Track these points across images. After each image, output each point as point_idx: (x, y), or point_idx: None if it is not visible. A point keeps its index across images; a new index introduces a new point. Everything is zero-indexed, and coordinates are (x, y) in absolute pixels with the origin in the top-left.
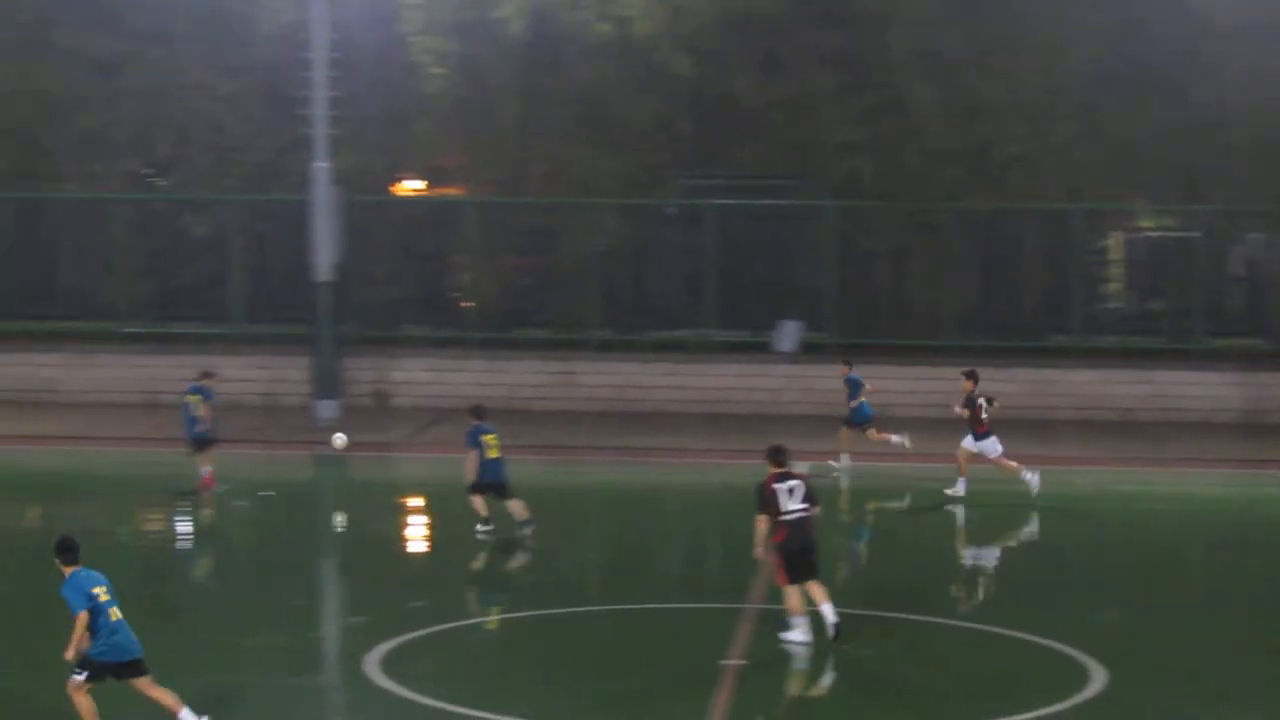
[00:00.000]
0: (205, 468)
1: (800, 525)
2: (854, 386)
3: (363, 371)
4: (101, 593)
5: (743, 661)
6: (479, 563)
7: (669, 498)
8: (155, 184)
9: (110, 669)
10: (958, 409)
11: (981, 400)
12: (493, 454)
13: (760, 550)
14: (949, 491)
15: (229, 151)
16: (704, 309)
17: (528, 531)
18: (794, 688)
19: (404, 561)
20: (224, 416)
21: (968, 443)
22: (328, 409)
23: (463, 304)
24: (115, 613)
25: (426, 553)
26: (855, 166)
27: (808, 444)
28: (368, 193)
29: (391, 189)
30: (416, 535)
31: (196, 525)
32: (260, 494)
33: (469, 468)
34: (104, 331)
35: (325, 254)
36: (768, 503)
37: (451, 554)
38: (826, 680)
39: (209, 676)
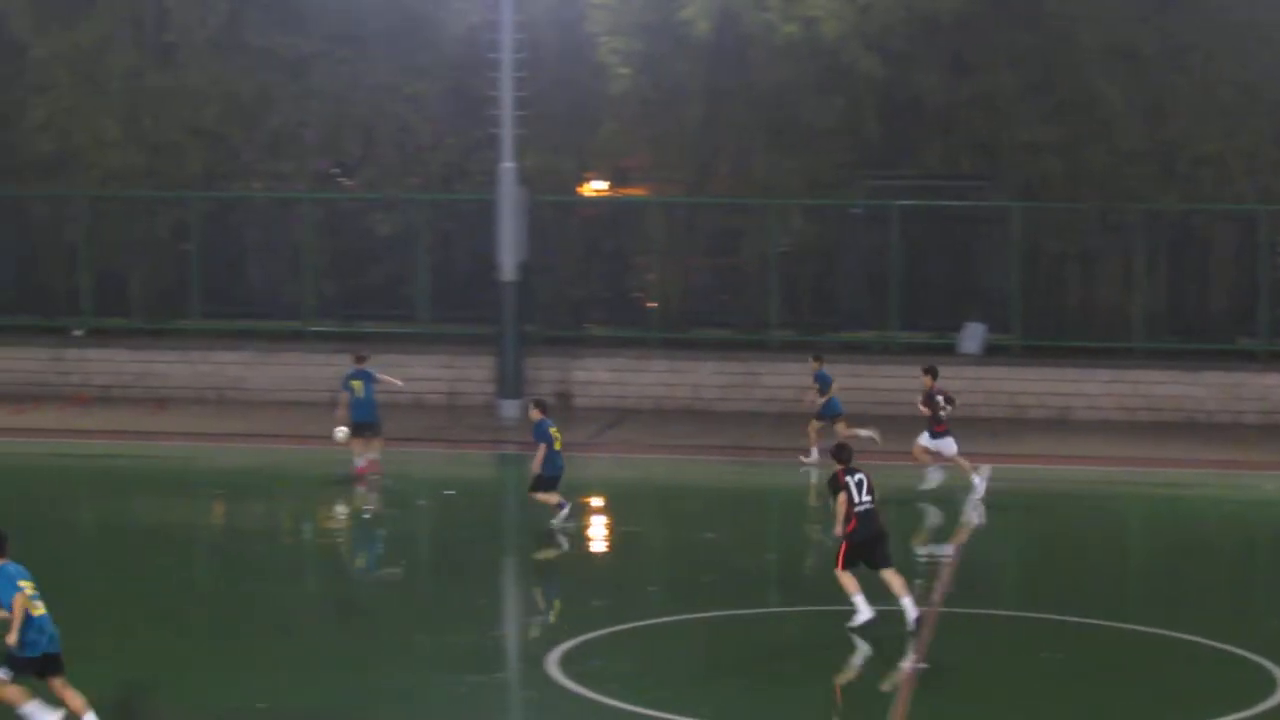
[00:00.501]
0: (368, 456)
1: (869, 516)
2: (823, 383)
3: (545, 371)
4: (28, 587)
5: (923, 665)
6: (659, 562)
7: None
8: (342, 183)
9: (34, 664)
10: (920, 406)
11: (940, 398)
12: (557, 446)
13: (839, 529)
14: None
15: (416, 151)
16: (888, 310)
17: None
18: (974, 692)
19: (585, 561)
20: (408, 415)
21: (924, 440)
22: (511, 408)
23: (646, 304)
24: (39, 607)
25: (606, 552)
26: (1042, 167)
27: (994, 447)
28: (553, 193)
29: (576, 189)
30: (597, 535)
31: (380, 523)
32: (444, 492)
33: (536, 462)
34: (290, 330)
35: (510, 254)
36: (843, 489)
37: (631, 553)
38: (1009, 685)
39: (390, 674)
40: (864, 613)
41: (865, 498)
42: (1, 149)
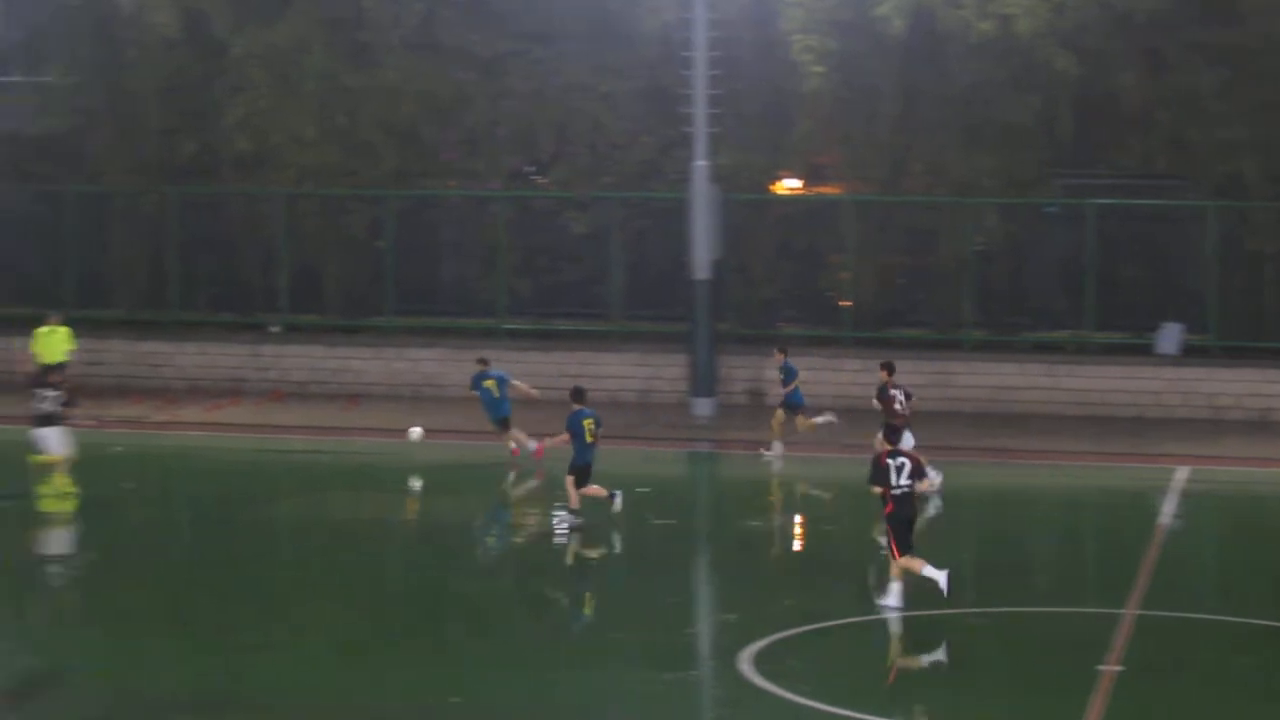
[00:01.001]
0: (524, 443)
1: (905, 499)
2: (789, 374)
3: (738, 370)
4: None
5: (1120, 668)
6: (851, 561)
7: (1043, 500)
8: (536, 182)
9: None
10: (874, 401)
11: (895, 392)
12: (589, 438)
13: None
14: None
15: (609, 149)
16: (1083, 310)
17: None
18: (1173, 695)
19: (777, 559)
20: (602, 413)
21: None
22: (704, 406)
23: (839, 303)
24: None
25: (798, 551)
26: (1239, 165)
27: (1191, 448)
28: (746, 191)
29: (769, 187)
30: (788, 533)
31: (573, 519)
32: (637, 490)
33: (556, 442)
34: (484, 328)
35: (703, 252)
36: (881, 475)
37: (823, 552)
38: (1209, 689)
39: (583, 671)
40: (894, 600)
41: (904, 481)
42: (200, 148)
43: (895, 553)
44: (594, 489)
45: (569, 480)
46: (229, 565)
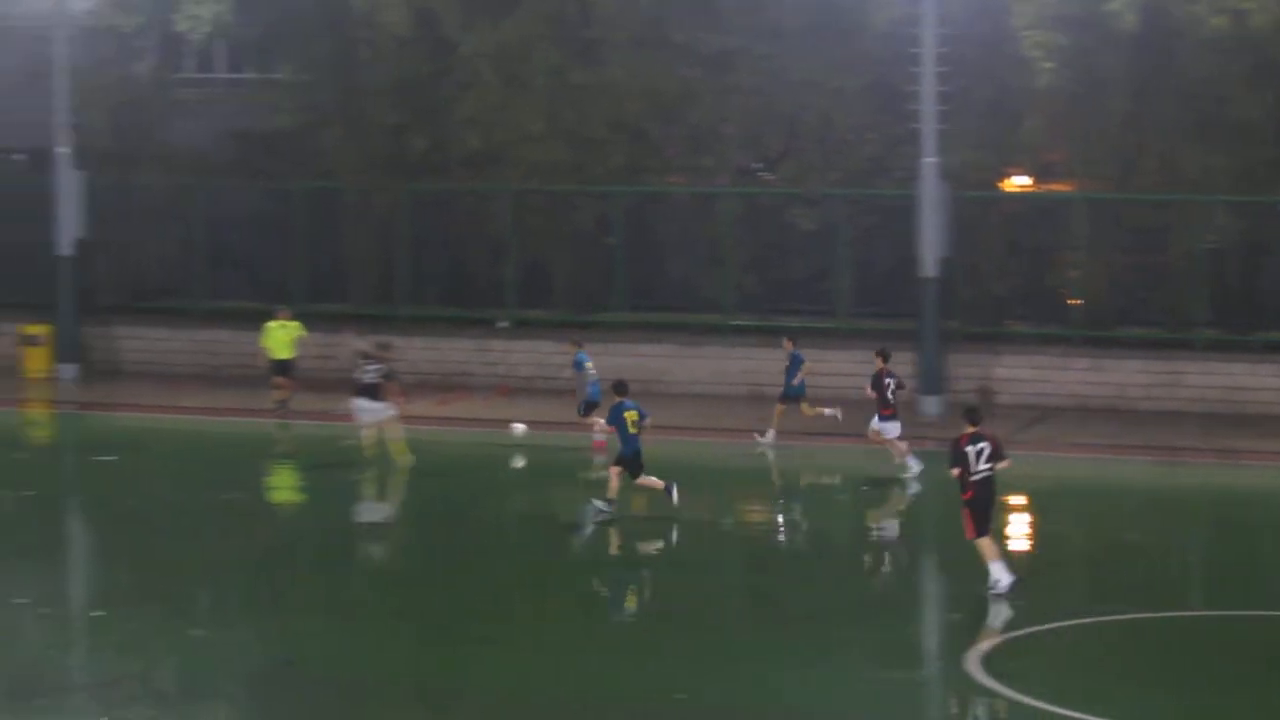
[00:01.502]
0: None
1: (985, 484)
2: (795, 362)
3: (966, 368)
4: None
5: None
6: (1079, 563)
7: (1274, 503)
8: (763, 178)
9: None
10: (868, 390)
11: (890, 381)
12: (632, 430)
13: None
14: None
15: (837, 146)
16: None
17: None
18: None
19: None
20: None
21: (874, 423)
22: (932, 405)
23: (1069, 301)
24: None
25: (1028, 551)
26: None
27: None
28: (974, 188)
29: (998, 184)
30: (1017, 534)
31: (796, 517)
32: (862, 489)
33: (596, 426)
34: (710, 324)
35: (931, 249)
36: (961, 458)
37: (1052, 553)
38: None
39: (809, 667)
40: (1004, 580)
41: (983, 465)
42: (430, 145)
43: (971, 532)
44: (650, 480)
45: (614, 471)
46: (456, 559)
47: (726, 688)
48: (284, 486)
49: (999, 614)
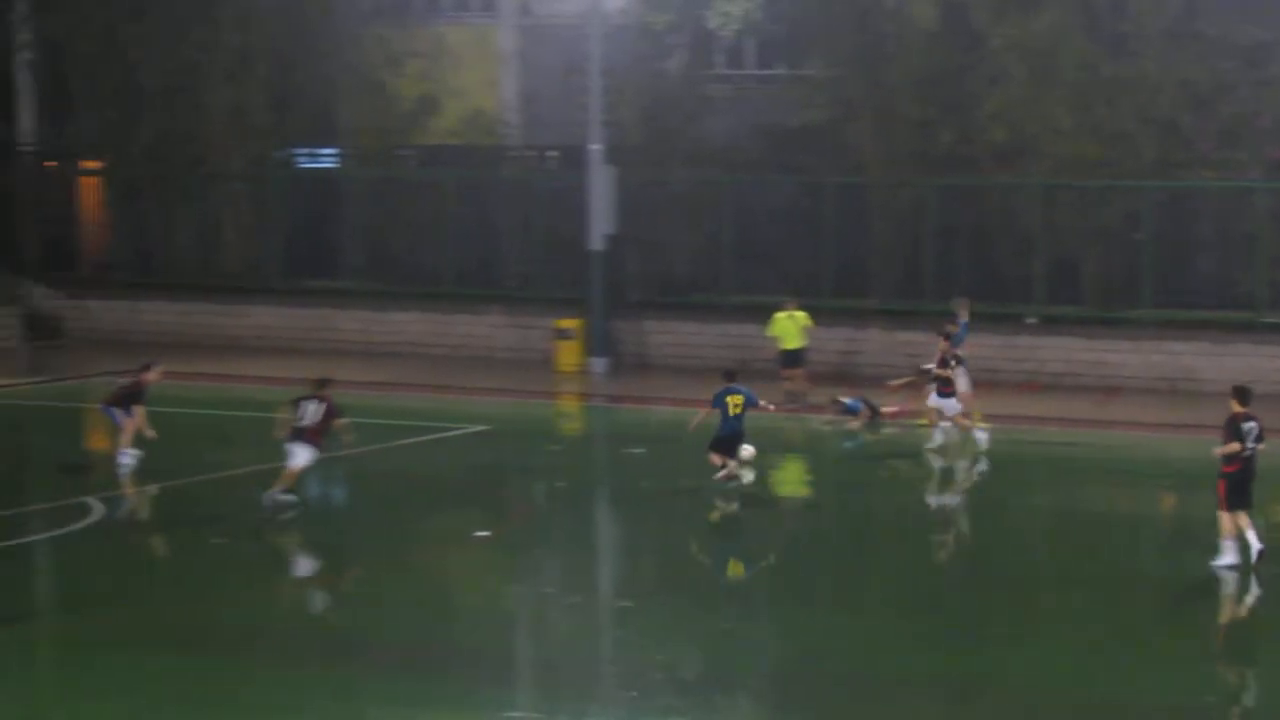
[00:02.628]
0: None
1: (1252, 461)
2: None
3: None
4: None
5: None
6: None
7: None
8: None
9: None
10: (934, 368)
11: (951, 360)
12: (733, 411)
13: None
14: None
15: None
16: None
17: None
18: None
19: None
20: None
21: (932, 400)
22: None
23: None
24: None
25: None
26: None
27: None
28: None
29: None
30: None
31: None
32: None
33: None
34: (1242, 321)
35: None
36: (1237, 433)
37: None
38: None
39: None
40: (1229, 558)
41: (1253, 444)
42: (957, 138)
43: (1224, 505)
44: (730, 463)
45: (712, 456)
46: (981, 555)
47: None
48: (794, 480)
49: None
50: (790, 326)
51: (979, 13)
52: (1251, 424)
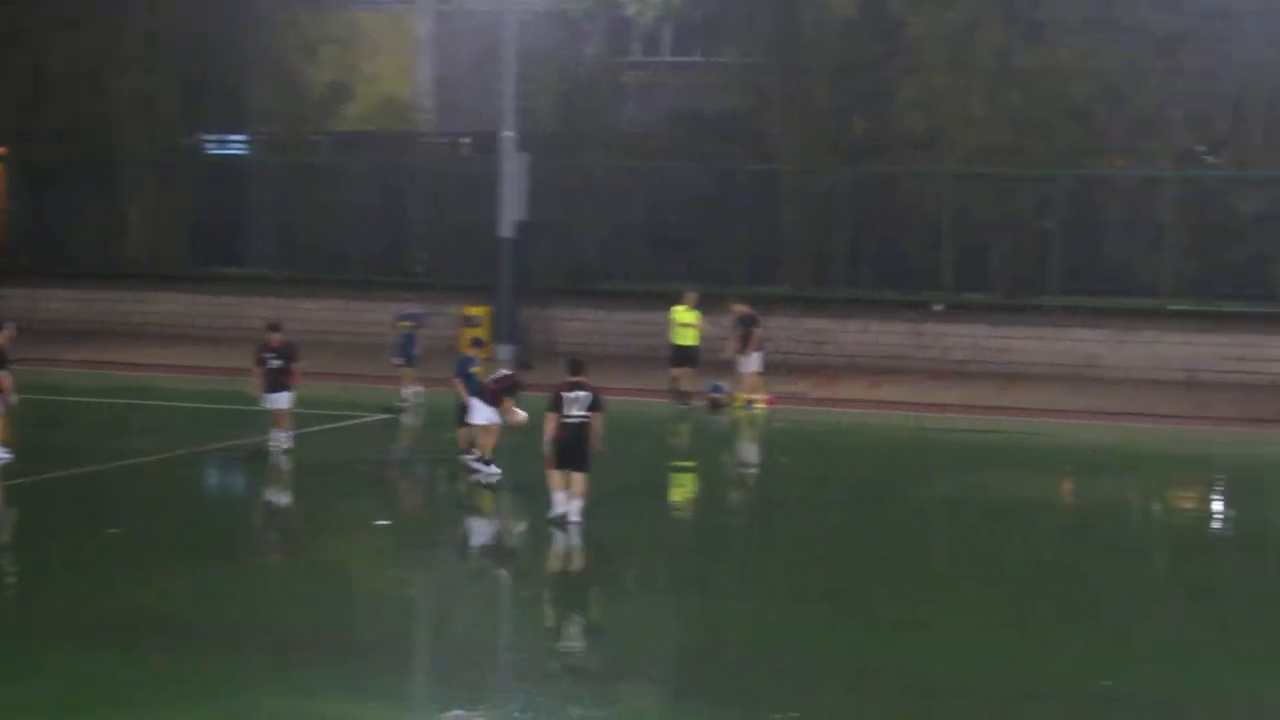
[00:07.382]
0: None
1: None
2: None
3: None
4: None
5: None
6: None
7: None
8: (1206, 162)
9: None
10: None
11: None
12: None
13: None
14: None
15: None
16: None
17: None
18: None
19: None
20: (1265, 395)
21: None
22: None
23: None
24: None
25: None
26: None
27: None
28: None
29: None
30: None
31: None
32: None
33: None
34: (1148, 308)
35: None
36: None
37: None
38: None
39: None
40: None
41: None
42: (871, 127)
43: None
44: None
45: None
46: (883, 541)
47: (1158, 680)
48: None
49: None
50: (688, 318)
51: (897, 1)
52: None
